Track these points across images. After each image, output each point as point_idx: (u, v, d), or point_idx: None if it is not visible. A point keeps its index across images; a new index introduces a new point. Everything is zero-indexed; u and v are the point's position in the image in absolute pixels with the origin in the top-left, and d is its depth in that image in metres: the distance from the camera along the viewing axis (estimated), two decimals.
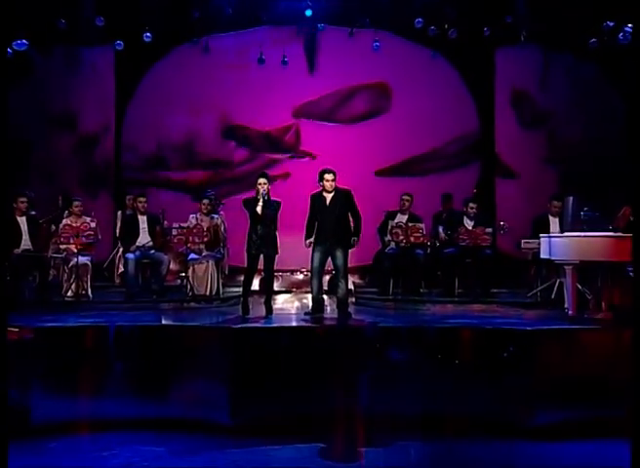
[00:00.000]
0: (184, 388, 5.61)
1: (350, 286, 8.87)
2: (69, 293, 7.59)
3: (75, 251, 7.55)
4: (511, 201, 9.93)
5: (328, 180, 6.64)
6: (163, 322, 6.61)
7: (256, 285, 8.08)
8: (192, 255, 8.10)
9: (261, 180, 6.66)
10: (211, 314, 7.23)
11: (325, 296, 7.08)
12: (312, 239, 6.72)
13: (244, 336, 5.79)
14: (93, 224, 7.79)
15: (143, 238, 8.00)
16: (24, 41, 8.63)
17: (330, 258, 6.70)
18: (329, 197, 6.67)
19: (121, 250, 8.58)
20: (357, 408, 5.48)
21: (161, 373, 5.64)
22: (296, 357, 5.66)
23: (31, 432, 5.22)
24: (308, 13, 9.51)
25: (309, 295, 7.12)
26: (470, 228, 7.96)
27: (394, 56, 10.02)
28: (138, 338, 5.75)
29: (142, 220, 8.06)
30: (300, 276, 9.84)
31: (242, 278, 7.01)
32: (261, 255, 6.71)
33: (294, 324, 6.48)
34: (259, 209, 6.59)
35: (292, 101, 10.24)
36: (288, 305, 8.27)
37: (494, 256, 8.00)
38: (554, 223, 7.81)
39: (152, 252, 7.95)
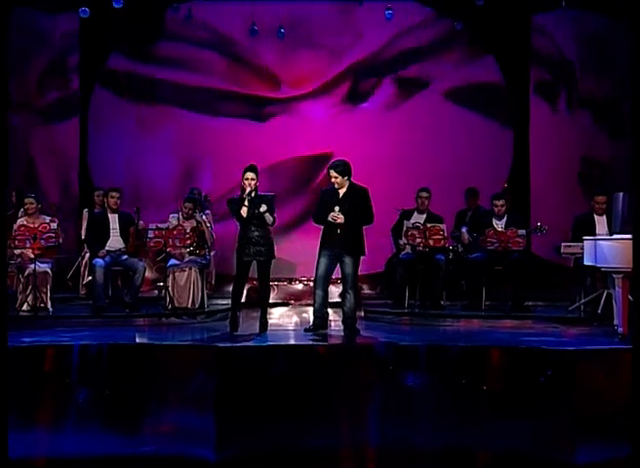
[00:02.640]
0: (162, 419, 5.60)
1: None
2: (25, 307, 7.59)
3: (32, 256, 7.54)
4: (549, 197, 9.91)
5: (332, 176, 6.63)
6: (137, 340, 6.60)
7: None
8: (172, 261, 8.11)
9: (249, 175, 6.66)
10: (194, 330, 7.23)
11: (329, 310, 7.07)
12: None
13: (233, 357, 5.78)
14: (53, 225, 7.78)
15: (114, 241, 7.99)
16: None
17: (339, 266, 6.70)
18: (340, 194, 6.67)
19: (87, 255, 8.57)
20: (366, 442, 5.47)
21: (134, 402, 5.62)
22: (293, 381, 5.63)
23: None
24: None
25: (310, 309, 7.11)
26: (500, 229, 7.94)
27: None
28: (106, 360, 5.72)
29: (113, 220, 8.05)
30: (300, 286, 9.84)
31: (231, 288, 7.00)
32: (254, 262, 6.72)
33: (292, 342, 6.48)
34: (243, 211, 6.59)
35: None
36: (285, 320, 8.28)
37: (528, 263, 7.98)
38: (601, 224, 7.79)
39: (125, 257, 7.94)
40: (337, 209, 6.54)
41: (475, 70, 10.25)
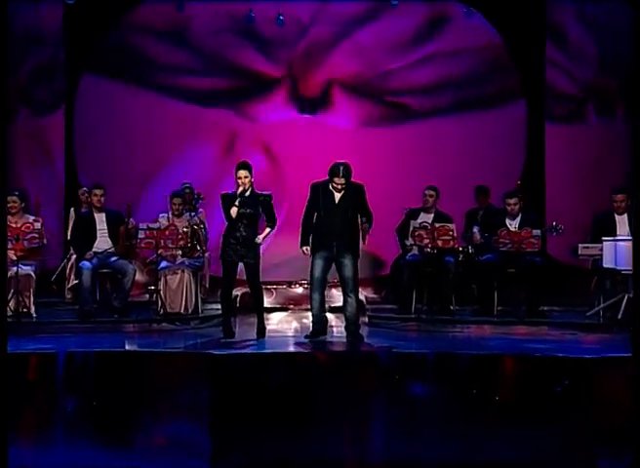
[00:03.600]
0: (153, 431, 5.60)
1: (363, 300, 8.88)
2: (7, 312, 7.57)
3: (15, 258, 7.53)
4: (566, 194, 9.89)
5: (338, 184, 6.61)
6: (126, 347, 6.61)
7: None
8: (164, 264, 8.10)
9: (242, 173, 6.67)
10: (187, 337, 7.23)
11: (330, 315, 7.06)
12: (309, 245, 6.71)
13: (228, 365, 5.78)
14: (37, 225, 7.77)
15: (102, 242, 7.99)
16: None
17: (335, 268, 6.70)
18: (338, 193, 6.66)
19: (74, 257, 8.56)
20: (370, 457, 5.47)
21: (123, 413, 5.62)
22: (292, 391, 5.63)
23: None
24: None
25: (310, 314, 7.10)
26: (513, 229, 7.93)
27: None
28: (94, 369, 5.72)
29: (100, 219, 8.04)
30: (300, 289, 9.84)
31: None
32: (241, 264, 6.76)
33: (290, 349, 6.48)
34: (233, 211, 6.62)
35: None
36: (284, 326, 8.29)
37: (543, 265, 7.97)
38: (622, 223, 7.78)
39: (113, 259, 7.93)
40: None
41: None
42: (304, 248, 6.77)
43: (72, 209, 9.33)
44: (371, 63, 10.28)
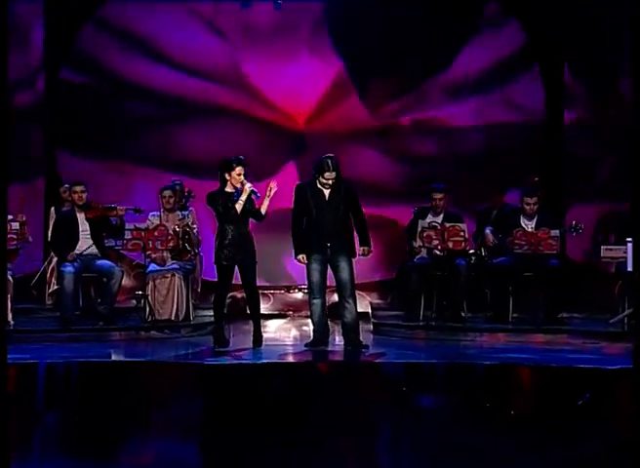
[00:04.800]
0: (141, 448, 5.60)
1: (367, 308, 8.88)
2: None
3: None
4: (587, 191, 9.89)
5: (329, 179, 6.61)
6: (112, 357, 6.63)
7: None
8: (153, 267, 8.10)
9: (241, 171, 6.70)
10: (177, 346, 7.27)
11: (332, 322, 7.08)
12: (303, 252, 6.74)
13: (222, 376, 5.81)
14: (15, 225, 7.76)
15: (85, 243, 7.97)
16: None
17: (331, 271, 6.73)
18: (328, 190, 6.66)
19: (55, 259, 8.56)
20: None
21: (109, 429, 5.60)
22: (291, 404, 5.63)
23: None
24: None
25: (311, 321, 7.10)
26: (530, 230, 7.93)
27: None
28: (77, 381, 5.73)
29: (82, 219, 8.02)
30: (299, 295, 9.87)
31: None
32: (237, 266, 6.78)
33: (289, 359, 6.53)
34: (238, 206, 6.62)
35: None
36: (282, 334, 8.33)
37: (563, 268, 7.98)
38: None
39: (98, 262, 7.92)
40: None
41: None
42: (300, 256, 6.77)
43: (52, 208, 9.31)
44: None
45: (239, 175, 6.69)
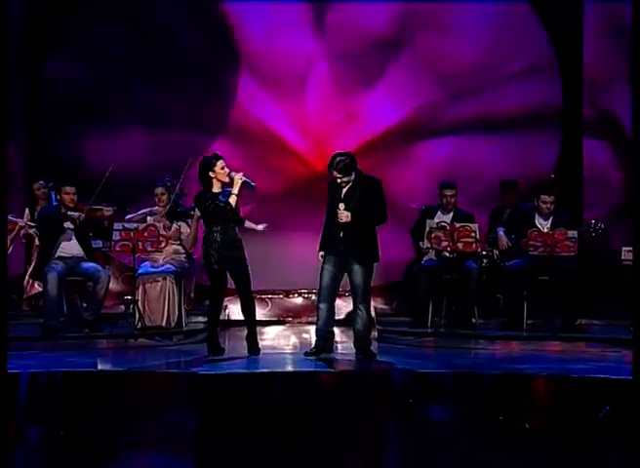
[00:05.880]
0: (130, 464, 5.59)
1: (372, 313, 8.88)
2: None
3: None
4: (607, 189, 9.90)
5: (336, 178, 6.64)
6: (99, 367, 6.63)
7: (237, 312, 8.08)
8: (143, 269, 8.10)
9: (221, 163, 6.74)
10: (169, 354, 7.28)
11: (336, 329, 7.08)
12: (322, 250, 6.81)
13: (217, 386, 5.80)
14: None
15: (70, 246, 7.97)
16: None
17: (347, 275, 6.74)
18: (345, 187, 6.68)
19: (34, 262, 8.54)
20: None
21: (95, 443, 5.61)
22: (291, 416, 5.63)
23: None
24: None
25: (312, 327, 7.13)
26: (546, 231, 7.93)
27: None
28: (61, 392, 5.72)
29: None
30: (299, 299, 9.87)
31: None
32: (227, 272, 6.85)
33: (289, 368, 6.52)
34: (232, 199, 6.66)
35: None
36: (281, 342, 8.33)
37: (581, 272, 7.98)
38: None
39: (84, 265, 7.93)
40: (341, 206, 6.55)
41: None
42: (319, 254, 6.82)
43: (27, 209, 9.19)
44: None
45: (223, 168, 6.71)
